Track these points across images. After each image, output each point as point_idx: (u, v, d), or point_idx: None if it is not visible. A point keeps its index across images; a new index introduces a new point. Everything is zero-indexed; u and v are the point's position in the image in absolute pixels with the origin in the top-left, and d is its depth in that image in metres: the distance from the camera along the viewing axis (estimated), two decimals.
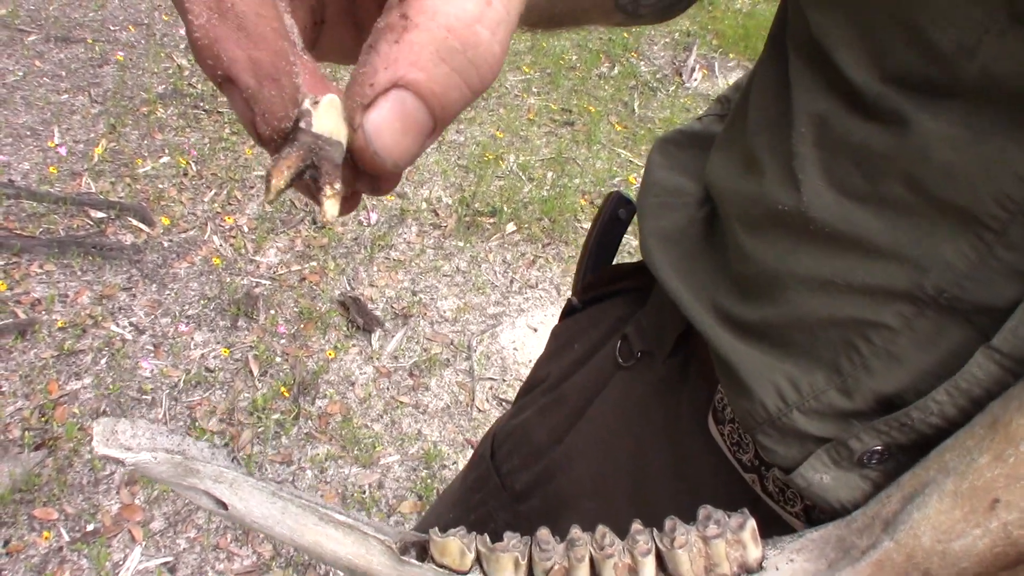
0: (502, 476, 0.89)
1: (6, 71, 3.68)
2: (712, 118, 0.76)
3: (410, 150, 0.28)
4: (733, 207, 0.58)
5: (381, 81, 0.26)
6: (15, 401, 2.31)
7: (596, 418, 0.79)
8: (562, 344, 0.90)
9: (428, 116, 0.27)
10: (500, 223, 3.45)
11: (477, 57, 0.27)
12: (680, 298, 0.62)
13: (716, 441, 0.65)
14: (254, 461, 2.31)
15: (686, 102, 4.90)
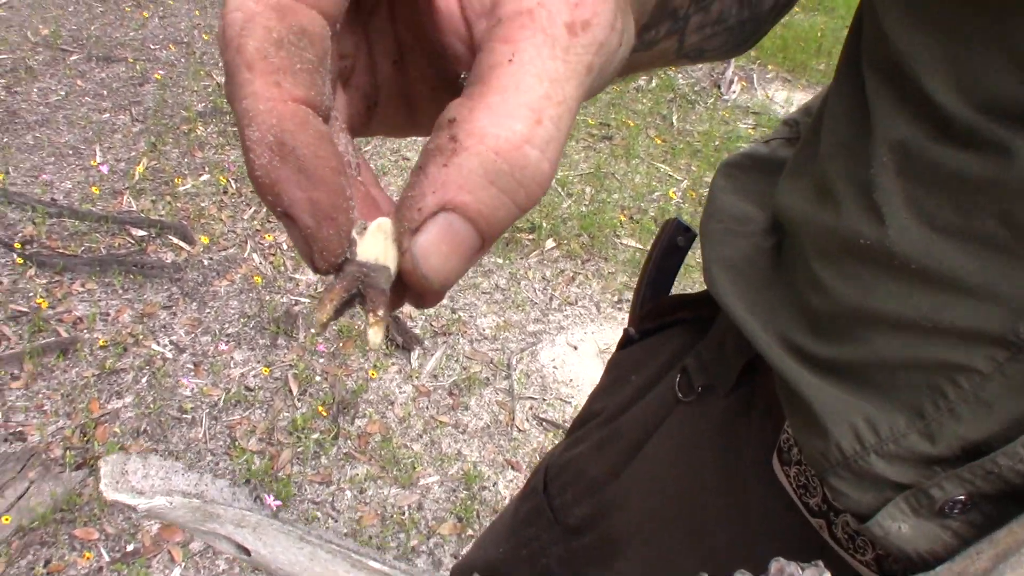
0: (555, 510, 0.86)
1: (49, 91, 3.72)
2: (780, 142, 0.73)
3: (456, 270, 0.27)
4: (807, 238, 0.55)
5: (429, 205, 0.26)
6: (57, 420, 2.31)
7: (654, 455, 0.76)
8: (618, 376, 0.87)
9: (476, 236, 0.27)
10: (539, 239, 3.43)
11: (525, 177, 0.26)
12: (748, 328, 0.59)
13: (781, 483, 0.62)
14: (293, 481, 2.30)
15: (725, 115, 4.85)
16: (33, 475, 2.14)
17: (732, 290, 0.62)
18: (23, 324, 2.56)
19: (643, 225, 3.64)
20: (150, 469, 0.42)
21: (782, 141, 0.73)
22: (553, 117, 0.26)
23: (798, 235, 0.57)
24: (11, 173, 3.15)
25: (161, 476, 0.42)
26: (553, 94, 0.26)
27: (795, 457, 0.60)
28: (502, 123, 0.26)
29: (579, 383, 2.83)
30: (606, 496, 0.80)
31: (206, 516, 0.42)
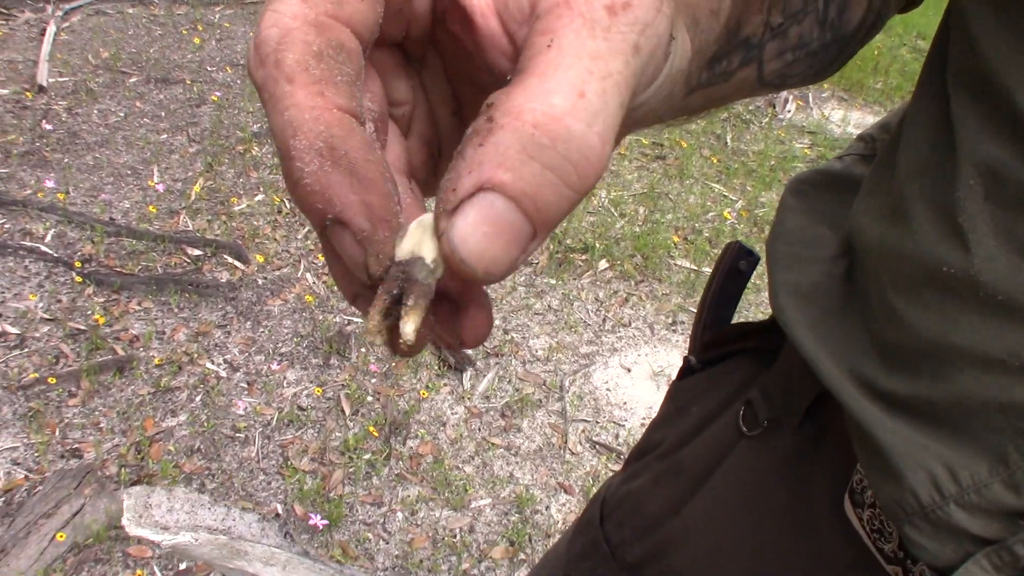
0: (612, 546, 0.83)
1: (108, 112, 3.79)
2: (854, 158, 0.69)
3: (502, 256, 0.25)
4: (883, 264, 0.51)
5: (466, 185, 0.25)
6: (112, 438, 2.33)
7: (716, 491, 0.72)
8: (679, 407, 0.84)
9: (523, 218, 0.25)
10: (592, 260, 3.40)
11: (571, 151, 0.25)
12: (816, 362, 0.55)
13: (853, 525, 0.58)
14: (345, 502, 2.29)
15: (780, 134, 4.80)
16: (88, 492, 2.15)
17: (800, 319, 0.58)
18: (81, 342, 2.60)
19: (697, 246, 3.60)
20: (175, 503, 0.39)
21: (856, 158, 0.69)
22: (598, 91, 0.25)
23: (873, 261, 0.53)
24: (71, 193, 3.21)
25: (186, 510, 0.39)
26: (596, 69, 0.25)
27: (869, 500, 0.56)
28: (540, 99, 0.25)
29: (632, 406, 2.79)
30: (666, 533, 0.76)
31: (233, 553, 0.40)
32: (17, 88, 3.81)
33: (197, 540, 0.38)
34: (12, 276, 2.78)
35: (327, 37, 0.26)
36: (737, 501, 0.70)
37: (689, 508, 0.74)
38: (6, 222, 2.99)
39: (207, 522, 0.39)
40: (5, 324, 2.60)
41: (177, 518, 0.39)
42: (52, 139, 3.51)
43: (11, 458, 2.23)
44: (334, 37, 0.26)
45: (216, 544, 0.37)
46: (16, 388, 2.41)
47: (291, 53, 0.26)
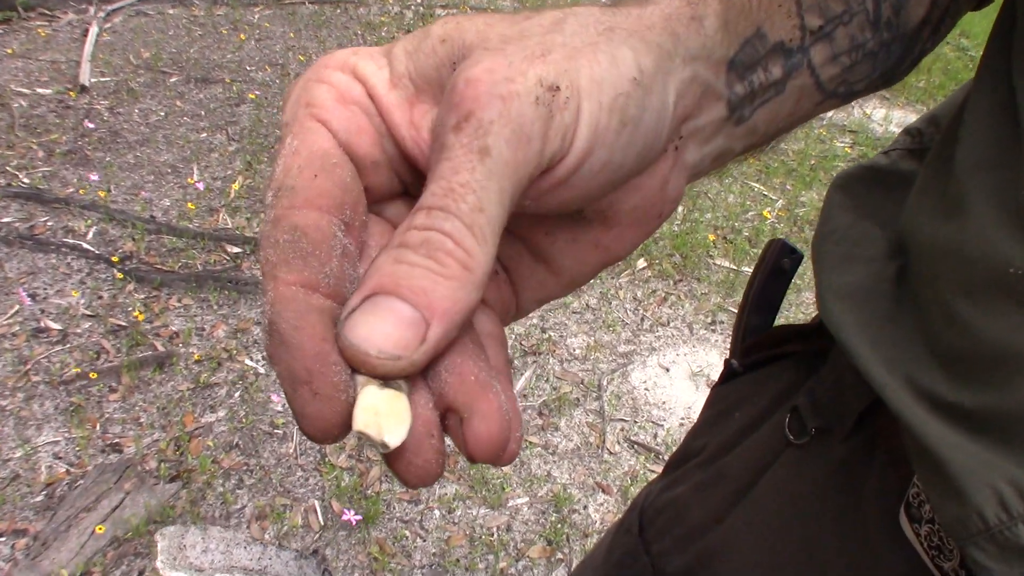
0: (652, 556, 0.80)
1: (149, 111, 3.82)
2: (901, 153, 0.66)
3: (391, 336, 0.28)
4: (942, 265, 0.48)
5: (353, 301, 0.29)
6: (152, 433, 2.34)
7: (761, 501, 0.69)
8: (721, 412, 0.81)
9: (403, 304, 0.28)
10: (630, 259, 3.37)
11: (432, 248, 0.29)
12: (868, 369, 0.52)
13: (909, 541, 0.54)
14: (382, 499, 2.28)
15: (821, 133, 4.74)
16: (128, 487, 2.16)
17: (850, 323, 0.55)
18: (121, 338, 2.61)
19: (737, 245, 3.56)
20: (210, 543, 0.38)
21: (903, 152, 0.66)
22: (447, 205, 0.29)
23: (930, 262, 0.50)
24: (112, 191, 3.23)
25: (222, 550, 0.38)
26: (443, 189, 0.29)
27: (926, 515, 0.52)
28: (400, 227, 0.30)
29: (671, 406, 2.77)
30: (708, 543, 0.73)
31: None
32: (60, 88, 3.86)
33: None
34: (54, 273, 2.81)
35: (282, 226, 0.30)
36: (783, 512, 0.67)
37: (732, 518, 0.71)
38: (49, 220, 3.02)
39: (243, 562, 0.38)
40: (47, 320, 2.63)
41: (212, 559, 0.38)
42: (94, 138, 3.54)
43: (53, 452, 2.25)
44: (288, 223, 0.30)
45: None
46: (58, 383, 2.43)
47: (265, 258, 0.30)
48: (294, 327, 0.28)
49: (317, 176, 0.31)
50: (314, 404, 0.28)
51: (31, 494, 2.14)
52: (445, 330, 0.29)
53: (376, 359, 0.28)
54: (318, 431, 0.29)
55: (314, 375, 0.28)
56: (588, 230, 0.39)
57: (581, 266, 0.40)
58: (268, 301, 0.29)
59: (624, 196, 0.37)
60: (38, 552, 1.99)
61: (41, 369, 2.47)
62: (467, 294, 0.29)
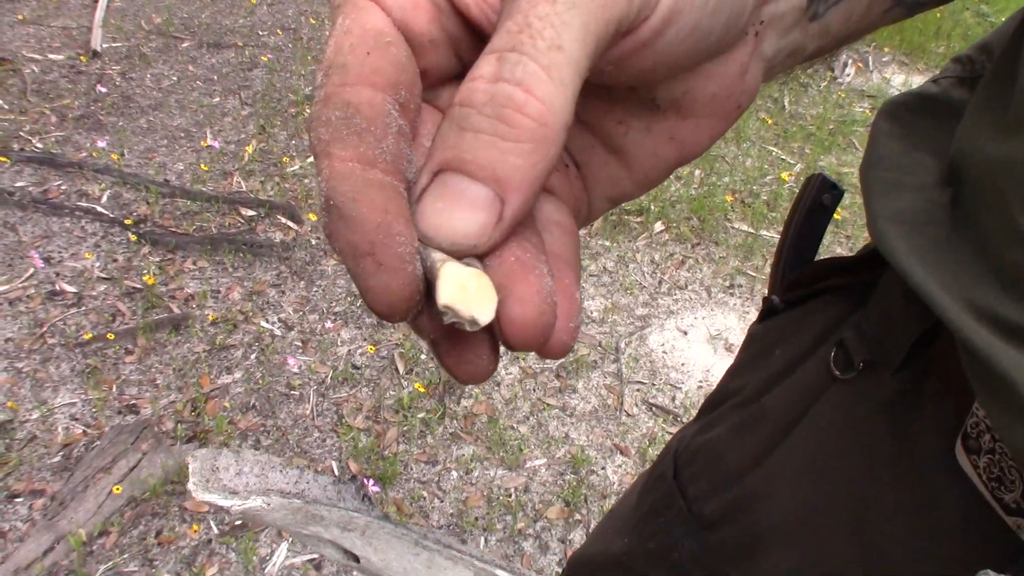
0: (688, 500, 0.77)
1: (162, 76, 3.80)
2: (951, 81, 0.63)
3: (466, 223, 0.27)
4: (1005, 182, 0.45)
5: (422, 181, 0.27)
6: (168, 394, 2.34)
7: (805, 440, 0.66)
8: (761, 350, 0.77)
9: (475, 184, 0.26)
10: (648, 222, 3.34)
11: (496, 109, 0.26)
12: (928, 292, 0.49)
13: (966, 473, 0.52)
14: (400, 460, 2.27)
15: (839, 97, 4.68)
16: (145, 447, 2.16)
17: (906, 247, 0.51)
18: (137, 300, 2.60)
19: (755, 209, 3.52)
20: (244, 465, 0.36)
21: (953, 80, 0.63)
22: (522, 43, 0.26)
23: (992, 180, 0.47)
24: (126, 155, 3.22)
25: (256, 473, 0.36)
26: (519, 24, 0.26)
27: (986, 445, 0.50)
28: (465, 79, 0.27)
29: (689, 369, 2.74)
30: (747, 486, 0.70)
31: (308, 518, 0.36)
32: (72, 54, 3.83)
33: (269, 505, 0.35)
34: (69, 236, 2.80)
35: (333, 103, 0.28)
36: (828, 451, 0.64)
37: (773, 459, 0.68)
38: (63, 184, 3.01)
39: (279, 485, 0.37)
40: (63, 283, 2.62)
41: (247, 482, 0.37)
42: (107, 103, 3.52)
43: (69, 414, 2.25)
44: (340, 100, 0.28)
45: (290, 509, 0.35)
46: (74, 345, 2.42)
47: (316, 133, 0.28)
48: (352, 200, 0.26)
49: (370, 54, 0.28)
50: (379, 276, 0.26)
51: (48, 455, 2.14)
52: (523, 203, 0.27)
53: (451, 248, 0.27)
54: (384, 304, 0.26)
55: (377, 246, 0.26)
56: (663, 119, 0.36)
57: (655, 160, 0.37)
58: (324, 178, 0.27)
59: (702, 83, 0.35)
60: (56, 512, 1.99)
61: (57, 331, 2.46)
62: (544, 155, 0.27)
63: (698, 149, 0.37)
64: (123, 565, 1.94)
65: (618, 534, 0.89)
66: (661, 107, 0.36)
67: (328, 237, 0.26)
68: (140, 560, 1.96)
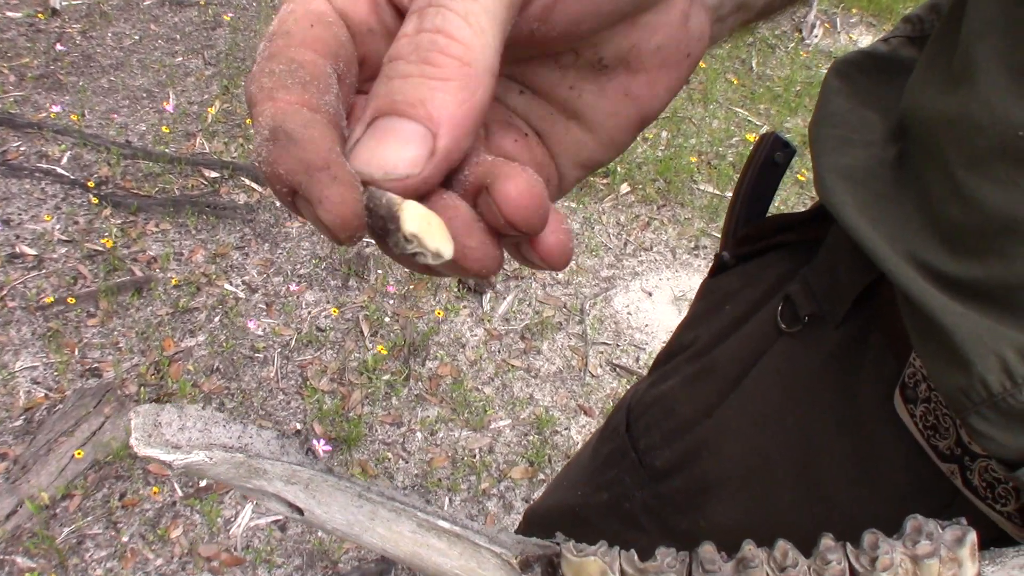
0: (640, 452, 0.79)
1: (123, 35, 3.73)
2: (901, 40, 0.64)
3: (397, 154, 0.28)
4: (947, 137, 0.46)
5: (357, 132, 0.29)
6: (132, 357, 2.33)
7: (753, 391, 0.68)
8: (712, 305, 0.79)
9: (403, 120, 0.28)
10: (614, 184, 3.34)
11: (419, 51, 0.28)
12: (871, 246, 0.50)
13: (904, 422, 0.54)
14: (364, 422, 2.28)
15: (806, 58, 4.69)
16: (108, 411, 2.15)
17: (851, 202, 0.53)
18: (99, 263, 2.58)
19: (721, 171, 3.54)
20: (187, 420, 0.36)
21: (903, 40, 0.64)
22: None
23: (934, 136, 0.48)
24: (87, 116, 3.17)
25: (199, 428, 0.36)
26: None
27: (922, 394, 0.52)
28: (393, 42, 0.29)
29: (653, 330, 2.77)
30: (697, 436, 0.72)
31: (251, 472, 0.37)
32: (30, 11, 3.75)
33: (212, 459, 0.35)
34: (28, 198, 2.76)
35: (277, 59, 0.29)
36: (776, 401, 0.66)
37: (723, 410, 0.70)
38: (22, 144, 2.96)
39: (222, 440, 0.37)
40: (23, 245, 2.59)
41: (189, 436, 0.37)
42: (66, 62, 3.46)
43: (31, 377, 2.24)
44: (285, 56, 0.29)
45: (233, 463, 0.35)
46: (35, 308, 2.40)
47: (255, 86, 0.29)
48: (303, 126, 0.27)
49: (313, 26, 0.30)
50: (334, 187, 0.27)
51: (9, 419, 2.13)
52: (455, 138, 0.28)
53: (384, 181, 0.28)
54: (339, 216, 0.27)
55: (331, 163, 0.27)
56: (613, 77, 0.36)
57: (616, 120, 0.38)
58: (268, 115, 0.27)
59: (646, 35, 0.35)
60: (17, 476, 1.99)
61: (17, 295, 2.44)
62: (472, 93, 0.28)
63: (656, 103, 0.38)
64: (87, 528, 1.95)
65: (573, 486, 0.91)
66: (609, 66, 0.36)
67: (268, 164, 0.27)
68: (104, 523, 1.96)
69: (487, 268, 0.30)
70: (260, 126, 0.27)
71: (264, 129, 0.27)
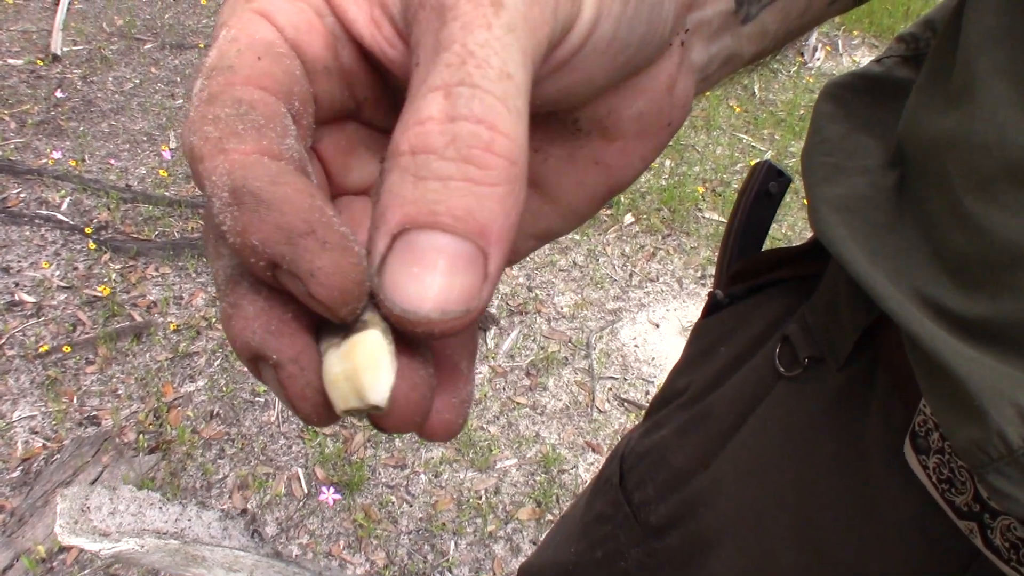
0: (634, 507, 0.75)
1: (123, 79, 3.74)
2: (895, 60, 0.60)
3: (452, 287, 0.22)
4: (950, 160, 0.42)
5: (380, 245, 0.23)
6: (131, 404, 2.30)
7: (751, 440, 0.63)
8: (705, 348, 0.75)
9: (450, 238, 0.22)
10: (618, 214, 3.31)
11: (460, 149, 0.22)
12: (870, 283, 0.46)
13: (916, 475, 0.49)
14: (367, 465, 2.24)
15: (809, 82, 4.67)
16: (107, 459, 2.12)
17: (848, 235, 0.49)
18: (98, 309, 2.56)
19: (726, 198, 3.50)
20: (119, 504, 0.32)
21: (897, 60, 0.60)
22: (470, 75, 0.22)
23: (936, 159, 0.44)
24: (87, 161, 3.16)
25: (132, 512, 0.32)
26: (459, 55, 0.23)
27: (935, 444, 0.47)
28: (408, 122, 0.23)
29: (661, 362, 2.72)
30: (694, 489, 0.68)
31: (188, 559, 0.33)
32: (31, 58, 3.77)
33: (144, 547, 0.33)
34: (28, 245, 2.75)
35: (220, 102, 0.24)
36: (776, 451, 0.61)
37: (720, 461, 0.66)
38: (22, 191, 2.95)
39: (156, 524, 0.34)
40: (22, 293, 2.57)
41: (120, 521, 0.34)
42: (67, 107, 3.46)
43: (29, 427, 2.21)
44: (230, 96, 0.24)
45: (167, 550, 0.32)
46: (33, 357, 2.38)
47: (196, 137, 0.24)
48: (272, 183, 0.22)
49: (260, 59, 0.25)
50: (326, 255, 0.22)
51: (7, 470, 2.10)
52: (504, 255, 0.23)
53: (441, 322, 0.22)
54: (335, 288, 0.22)
55: (316, 225, 0.22)
56: (586, 144, 0.33)
57: (581, 189, 0.34)
58: (223, 173, 0.22)
59: (628, 100, 0.32)
60: (14, 529, 1.95)
61: (16, 343, 2.41)
62: (518, 197, 0.23)
63: (628, 174, 0.34)
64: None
65: (567, 541, 0.86)
66: (583, 130, 0.32)
67: (236, 235, 0.22)
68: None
69: (318, 417, 0.26)
70: (215, 187, 0.23)
71: (221, 191, 0.22)
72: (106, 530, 0.33)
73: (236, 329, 0.24)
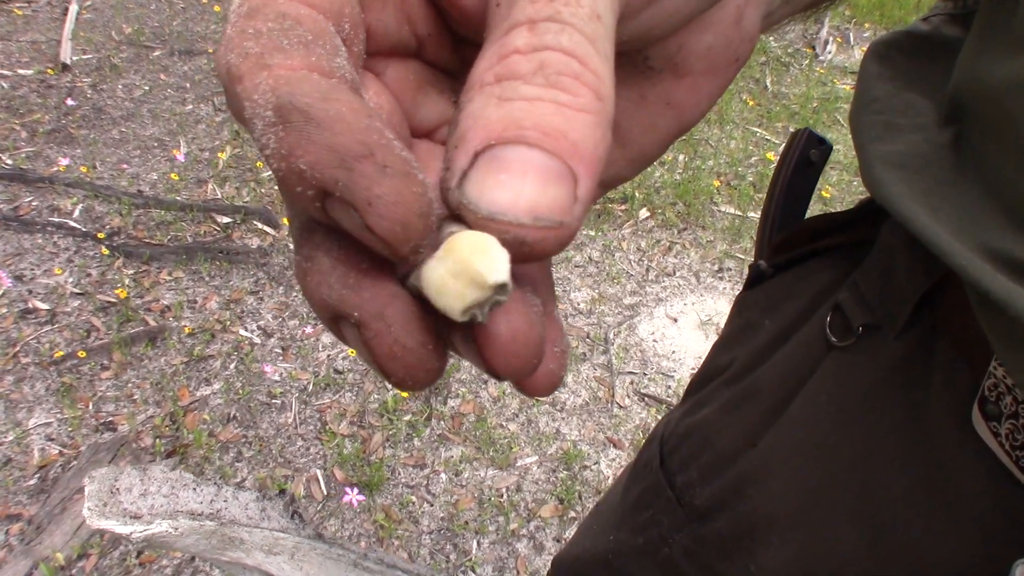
0: (677, 490, 0.71)
1: (133, 86, 3.73)
2: (942, 18, 0.57)
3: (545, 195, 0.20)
4: (1016, 103, 0.40)
5: (460, 162, 0.21)
6: (146, 409, 2.28)
7: (802, 416, 0.60)
8: (749, 321, 0.71)
9: (539, 152, 0.20)
10: (633, 209, 3.28)
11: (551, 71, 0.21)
12: (935, 239, 0.43)
13: (986, 443, 0.46)
14: (386, 465, 2.21)
15: (821, 75, 4.63)
16: (123, 465, 2.09)
17: (907, 192, 0.46)
18: (112, 315, 2.54)
19: (741, 191, 3.47)
20: (150, 485, 0.30)
21: (945, 18, 0.57)
22: (559, 12, 0.21)
23: (1000, 107, 0.41)
24: (98, 167, 3.15)
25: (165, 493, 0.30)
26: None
27: (1007, 409, 0.44)
28: (490, 55, 0.22)
29: (681, 356, 2.69)
30: (740, 470, 0.64)
31: (225, 542, 0.30)
32: (40, 68, 3.76)
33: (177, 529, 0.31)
34: (41, 252, 2.74)
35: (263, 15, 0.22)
36: (829, 426, 0.57)
37: (769, 439, 0.62)
38: (34, 199, 2.94)
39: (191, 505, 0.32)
40: (35, 300, 2.55)
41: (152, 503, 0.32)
42: (77, 115, 3.46)
43: (45, 434, 2.19)
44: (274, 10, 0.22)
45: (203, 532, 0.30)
46: (48, 364, 2.36)
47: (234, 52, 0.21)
48: (324, 99, 0.20)
49: None
50: (387, 181, 0.19)
51: (24, 478, 2.08)
52: (594, 183, 0.21)
53: (534, 229, 0.20)
54: (398, 220, 0.20)
55: (375, 146, 0.20)
56: (657, 83, 0.31)
57: (652, 133, 0.32)
58: (267, 88, 0.20)
59: (696, 34, 0.30)
60: (32, 537, 1.93)
61: (31, 350, 2.40)
62: (605, 132, 0.21)
63: (695, 114, 0.32)
64: None
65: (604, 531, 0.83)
66: (655, 67, 0.31)
67: (282, 159, 0.20)
68: None
69: (413, 380, 0.23)
70: (256, 106, 0.20)
71: (264, 109, 0.20)
72: (137, 512, 0.31)
73: (312, 285, 0.22)
